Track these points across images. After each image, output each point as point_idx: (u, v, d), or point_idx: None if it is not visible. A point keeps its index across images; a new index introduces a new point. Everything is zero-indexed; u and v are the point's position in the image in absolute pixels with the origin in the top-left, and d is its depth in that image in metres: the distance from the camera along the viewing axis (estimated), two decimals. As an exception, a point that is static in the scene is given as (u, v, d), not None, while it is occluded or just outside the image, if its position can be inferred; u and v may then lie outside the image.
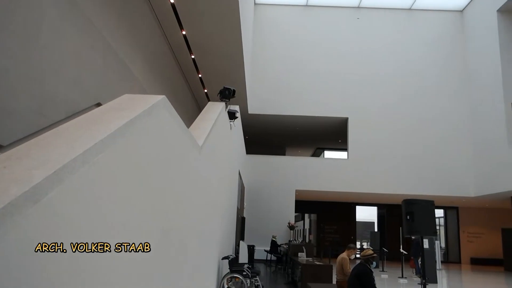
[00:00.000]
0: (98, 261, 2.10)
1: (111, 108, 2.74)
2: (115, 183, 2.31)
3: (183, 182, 4.10)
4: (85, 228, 1.97)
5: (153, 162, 3.01)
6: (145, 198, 2.84)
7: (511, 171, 15.50)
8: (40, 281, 1.62)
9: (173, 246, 3.66)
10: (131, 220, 2.58)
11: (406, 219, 4.79)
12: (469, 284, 13.60)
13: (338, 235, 22.44)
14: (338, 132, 20.66)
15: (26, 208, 1.51)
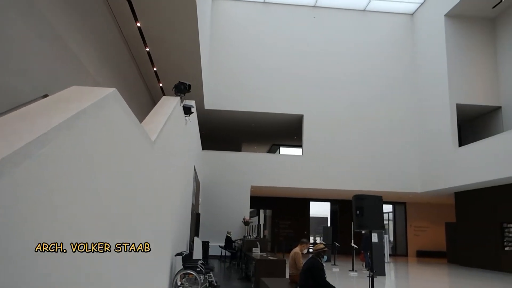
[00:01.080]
0: (46, 262, 2.01)
1: (57, 100, 2.62)
2: (61, 179, 2.22)
3: (134, 178, 4.01)
4: (29, 225, 1.88)
5: (103, 157, 2.92)
6: (94, 194, 2.75)
7: (455, 169, 16.39)
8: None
9: (123, 241, 3.58)
10: (79, 217, 2.49)
11: (356, 214, 4.95)
12: (414, 275, 14.26)
13: (292, 230, 22.80)
14: (293, 129, 20.96)
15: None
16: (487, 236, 16.19)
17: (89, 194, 2.65)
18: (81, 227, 2.52)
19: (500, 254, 15.50)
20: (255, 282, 8.57)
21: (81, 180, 2.50)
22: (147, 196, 4.74)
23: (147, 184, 4.69)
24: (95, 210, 2.80)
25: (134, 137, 3.91)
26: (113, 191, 3.24)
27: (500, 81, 17.38)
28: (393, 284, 11.42)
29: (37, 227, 1.97)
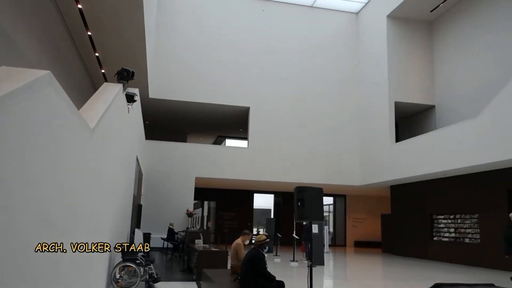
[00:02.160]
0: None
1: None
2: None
3: (70, 167, 3.82)
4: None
5: (34, 143, 2.75)
6: (23, 184, 2.58)
7: (391, 164, 17.24)
8: None
9: (56, 235, 3.41)
10: (6, 209, 2.33)
11: (297, 205, 5.06)
12: (351, 264, 14.89)
13: (236, 222, 22.93)
14: (239, 121, 21.01)
15: None
16: (418, 227, 17.23)
17: (18, 184, 2.49)
18: (7, 220, 2.37)
19: (429, 244, 16.57)
20: (197, 273, 8.55)
21: (9, 168, 2.34)
22: (84, 186, 4.54)
23: (84, 174, 4.50)
24: (25, 202, 2.64)
25: (70, 124, 3.73)
26: (46, 181, 3.07)
27: (435, 81, 18.46)
28: (331, 272, 11.85)
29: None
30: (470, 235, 14.74)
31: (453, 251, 15.28)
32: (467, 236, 14.83)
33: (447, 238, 15.83)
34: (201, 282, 7.95)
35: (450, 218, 15.77)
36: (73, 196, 4.04)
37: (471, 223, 14.74)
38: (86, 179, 4.63)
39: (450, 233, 15.72)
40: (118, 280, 7.39)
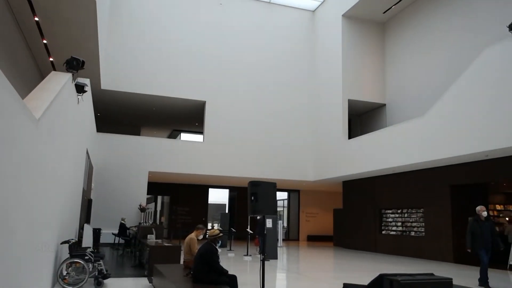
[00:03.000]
0: None
1: None
2: None
3: (11, 158, 3.62)
4: None
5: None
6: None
7: (343, 160, 17.71)
8: None
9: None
10: None
11: (250, 199, 5.08)
12: (303, 257, 15.18)
13: (190, 217, 22.72)
14: (195, 115, 20.80)
15: None
16: (368, 221, 17.85)
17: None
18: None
19: (378, 237, 17.22)
20: (149, 269, 8.39)
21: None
22: (28, 179, 4.32)
23: (27, 166, 4.28)
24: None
25: (13, 113, 3.53)
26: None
27: (386, 81, 19.13)
28: (284, 266, 12.03)
29: None
30: (415, 228, 15.44)
31: (400, 244, 15.97)
32: (413, 230, 15.53)
33: (394, 232, 16.50)
34: (152, 278, 7.82)
35: (398, 213, 16.45)
36: (15, 190, 3.83)
37: (416, 217, 15.45)
38: (30, 172, 4.41)
39: (397, 227, 16.41)
40: (65, 277, 7.13)
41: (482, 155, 11.75)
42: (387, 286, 2.45)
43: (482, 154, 11.60)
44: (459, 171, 13.34)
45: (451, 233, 13.64)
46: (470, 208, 13.99)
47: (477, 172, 12.76)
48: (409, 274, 2.53)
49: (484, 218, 8.77)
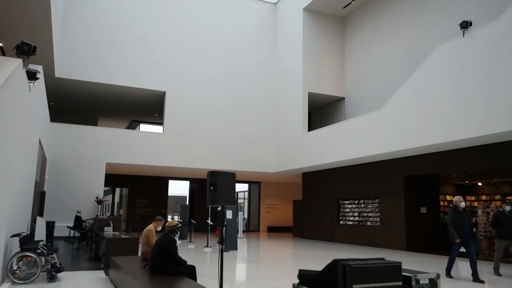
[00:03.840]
0: None
1: None
2: None
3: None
4: None
5: None
6: None
7: (303, 152, 17.98)
8: None
9: None
10: None
11: (209, 189, 5.06)
12: (263, 248, 15.33)
13: (150, 209, 22.40)
14: (155, 105, 20.42)
15: None
16: (326, 211, 18.26)
17: None
18: None
19: (336, 227, 17.67)
20: (105, 261, 8.21)
21: None
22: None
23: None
24: None
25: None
26: None
27: (345, 75, 19.54)
28: (244, 257, 12.12)
29: None
30: (371, 218, 15.97)
31: (356, 234, 16.46)
32: (369, 220, 16.05)
33: (351, 222, 16.99)
34: (109, 271, 7.66)
35: (355, 203, 16.94)
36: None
37: (372, 208, 15.96)
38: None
39: (354, 217, 16.90)
40: (15, 271, 6.86)
41: (434, 148, 12.28)
42: (340, 270, 2.52)
43: (434, 147, 12.12)
44: (412, 163, 13.89)
45: (404, 223, 14.20)
46: (422, 199, 14.67)
47: (429, 164, 13.33)
48: (361, 259, 2.61)
49: (462, 208, 8.52)
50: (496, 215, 9.20)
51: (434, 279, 2.95)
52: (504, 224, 8.80)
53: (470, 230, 8.38)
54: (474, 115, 10.27)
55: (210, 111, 19.22)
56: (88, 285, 7.16)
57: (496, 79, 9.80)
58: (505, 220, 8.84)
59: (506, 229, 8.75)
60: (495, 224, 8.99)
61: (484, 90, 10.07)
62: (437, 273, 2.92)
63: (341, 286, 2.50)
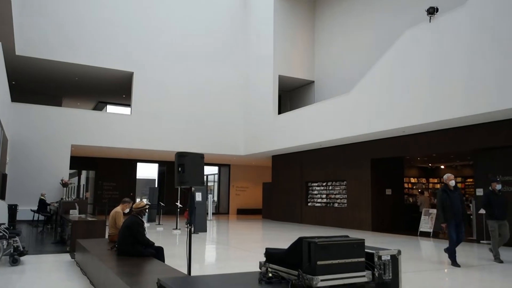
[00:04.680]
0: None
1: None
2: None
3: None
4: None
5: None
6: None
7: (273, 134, 18.05)
8: None
9: None
10: None
11: (177, 170, 5.00)
12: (233, 230, 15.45)
13: (118, 192, 22.06)
14: (122, 86, 19.93)
15: None
16: (295, 194, 18.52)
17: None
18: None
19: (304, 209, 17.97)
20: (71, 244, 8.06)
21: None
22: None
23: None
24: None
25: None
26: None
27: (315, 58, 19.63)
28: (214, 239, 12.17)
29: None
30: (339, 200, 16.32)
31: (324, 215, 16.81)
32: (336, 201, 16.40)
33: (319, 204, 17.32)
34: (75, 253, 7.53)
35: (323, 185, 17.24)
36: None
37: (340, 190, 16.30)
38: None
39: (322, 199, 17.23)
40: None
41: (399, 131, 12.59)
42: (305, 247, 2.56)
43: (399, 130, 12.43)
44: (379, 145, 14.22)
45: (370, 204, 14.60)
46: (387, 181, 15.08)
47: (395, 147, 13.69)
48: (325, 237, 2.66)
49: (452, 187, 7.67)
50: (486, 194, 8.39)
51: (396, 255, 3.05)
52: (496, 204, 8.07)
53: (463, 211, 7.58)
54: (437, 100, 10.56)
55: (179, 93, 18.94)
56: (53, 269, 7.02)
57: (456, 66, 10.08)
58: (496, 200, 8.13)
59: (498, 209, 8.02)
60: (487, 204, 8.23)
61: (446, 76, 10.35)
62: (399, 250, 3.02)
63: (306, 262, 2.55)
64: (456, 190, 7.69)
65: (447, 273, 7.16)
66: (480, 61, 9.61)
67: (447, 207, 7.45)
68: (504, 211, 8.05)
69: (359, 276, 2.60)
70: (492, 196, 8.17)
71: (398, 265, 3.12)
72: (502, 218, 8.02)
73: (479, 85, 9.60)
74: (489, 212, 8.17)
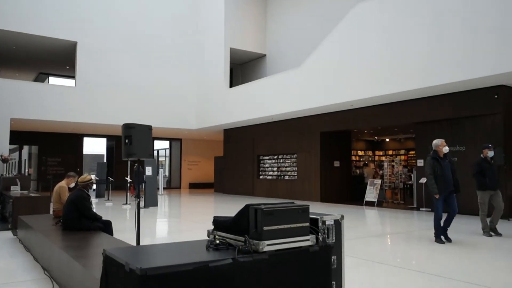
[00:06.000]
0: None
1: None
2: None
3: None
4: None
5: None
6: None
7: (225, 108, 17.97)
8: None
9: None
10: None
11: (124, 142, 4.88)
12: (184, 203, 15.42)
13: (63, 168, 21.19)
14: (65, 57, 18.89)
15: None
16: (247, 167, 18.69)
17: None
18: None
19: (256, 182, 18.22)
20: (13, 221, 7.73)
21: None
22: None
23: None
24: None
25: None
26: None
27: (267, 32, 19.53)
28: (165, 212, 12.10)
29: None
30: (289, 173, 16.67)
31: (275, 187, 17.14)
32: (287, 174, 16.75)
33: (271, 176, 17.61)
34: (17, 230, 7.23)
35: (274, 159, 17.51)
36: None
37: (291, 162, 16.63)
38: None
39: (273, 172, 17.52)
40: None
41: (347, 105, 12.94)
42: (252, 213, 2.61)
43: (347, 104, 12.78)
44: (328, 119, 14.56)
45: (319, 176, 15.04)
46: (336, 154, 15.54)
47: (344, 121, 14.08)
48: (271, 203, 2.72)
49: (443, 155, 6.80)
50: (478, 162, 7.50)
51: (339, 220, 3.18)
52: (488, 173, 7.30)
53: (455, 181, 6.77)
54: (382, 74, 10.93)
55: (128, 65, 18.25)
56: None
57: (402, 41, 10.43)
58: (489, 168, 7.36)
59: (490, 178, 7.28)
60: (478, 173, 7.40)
61: (391, 51, 10.70)
62: (342, 215, 3.15)
63: (253, 228, 2.60)
64: (447, 158, 6.83)
65: (389, 239, 7.58)
66: (422, 38, 10.00)
67: (438, 177, 6.63)
68: (496, 181, 7.40)
69: (303, 240, 2.70)
70: (485, 164, 7.39)
71: (341, 229, 3.27)
72: (494, 188, 7.32)
73: (418, 62, 10.01)
74: (481, 182, 7.35)
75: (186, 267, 2.21)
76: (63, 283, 4.07)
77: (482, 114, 10.28)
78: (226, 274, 2.36)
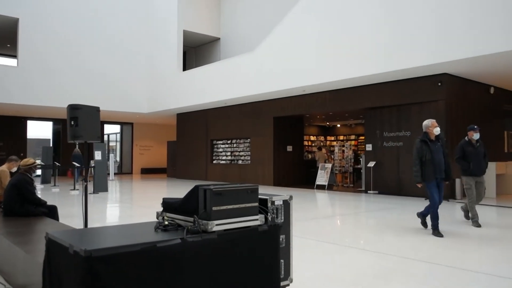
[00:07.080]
0: None
1: None
2: None
3: None
4: None
5: None
6: None
7: (177, 92, 17.67)
8: None
9: None
10: None
11: (70, 124, 4.69)
12: (135, 189, 15.12)
13: (5, 152, 20.04)
14: (6, 34, 17.73)
15: None
16: (200, 152, 18.57)
17: None
18: None
19: (209, 167, 18.16)
20: None
21: None
22: None
23: None
24: None
25: None
26: None
27: (221, 15, 19.30)
28: (116, 197, 11.82)
29: None
30: (243, 157, 16.74)
31: (228, 172, 17.18)
32: (241, 158, 16.81)
33: (224, 161, 17.61)
34: (-47, 218, 6.79)
35: (228, 143, 17.50)
36: None
37: (244, 147, 16.70)
38: None
39: (227, 156, 17.52)
40: None
41: (300, 90, 13.13)
42: (201, 194, 2.62)
43: (300, 89, 12.96)
44: (281, 104, 14.71)
45: (272, 160, 15.22)
46: (288, 138, 15.77)
47: (296, 106, 14.28)
48: (221, 184, 2.74)
49: (434, 137, 5.99)
50: (461, 145, 6.80)
51: (287, 200, 3.25)
52: (472, 157, 6.64)
53: (446, 166, 5.99)
54: (334, 61, 11.16)
55: (74, 44, 17.41)
56: None
57: (353, 28, 10.68)
58: (473, 152, 6.66)
59: (475, 163, 6.62)
60: (461, 157, 6.74)
61: (342, 37, 10.93)
62: (290, 195, 3.22)
63: (202, 209, 2.61)
64: (439, 141, 6.02)
65: (338, 220, 7.86)
66: (371, 27, 10.28)
67: (427, 162, 5.85)
68: (482, 166, 6.71)
69: (252, 220, 2.74)
70: (469, 148, 6.69)
71: (289, 209, 3.35)
72: (479, 174, 6.68)
73: (368, 50, 10.32)
74: (464, 167, 6.70)
75: (133, 248, 2.18)
76: (5, 270, 3.90)
77: (427, 100, 10.78)
78: (175, 255, 2.35)
